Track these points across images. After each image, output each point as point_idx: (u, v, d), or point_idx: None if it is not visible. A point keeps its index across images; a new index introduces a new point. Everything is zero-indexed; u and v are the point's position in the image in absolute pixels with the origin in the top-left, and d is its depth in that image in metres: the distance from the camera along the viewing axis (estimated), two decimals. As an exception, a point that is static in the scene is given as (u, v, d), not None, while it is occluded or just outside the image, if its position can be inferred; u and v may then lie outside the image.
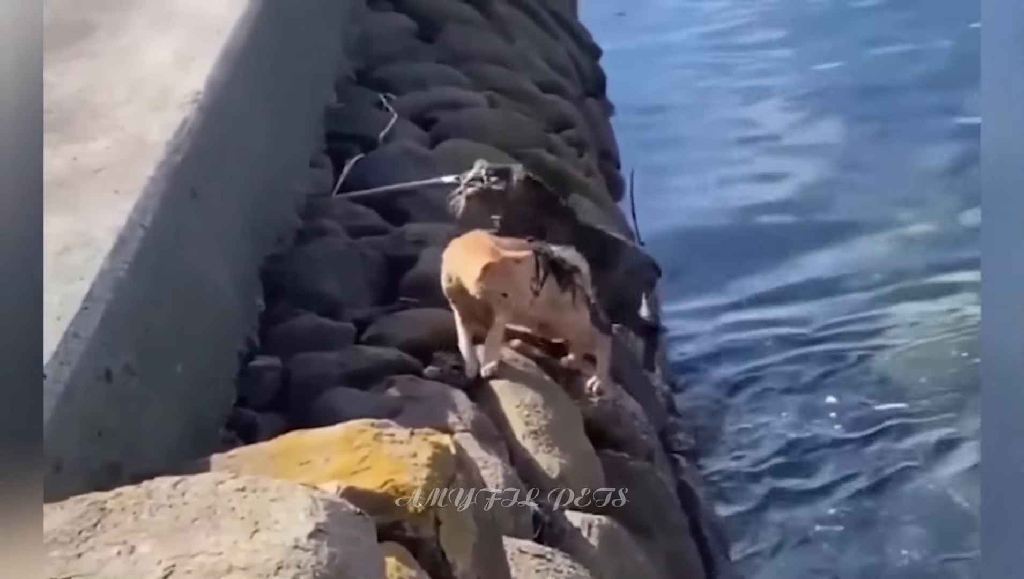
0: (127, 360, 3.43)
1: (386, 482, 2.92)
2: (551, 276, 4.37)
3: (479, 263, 4.17)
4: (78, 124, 4.49)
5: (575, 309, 4.47)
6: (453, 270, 4.30)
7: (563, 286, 4.41)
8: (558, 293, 4.40)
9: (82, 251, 3.57)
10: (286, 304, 4.79)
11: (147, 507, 2.50)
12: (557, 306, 4.43)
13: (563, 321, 4.51)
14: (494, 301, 4.24)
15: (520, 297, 4.29)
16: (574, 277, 4.46)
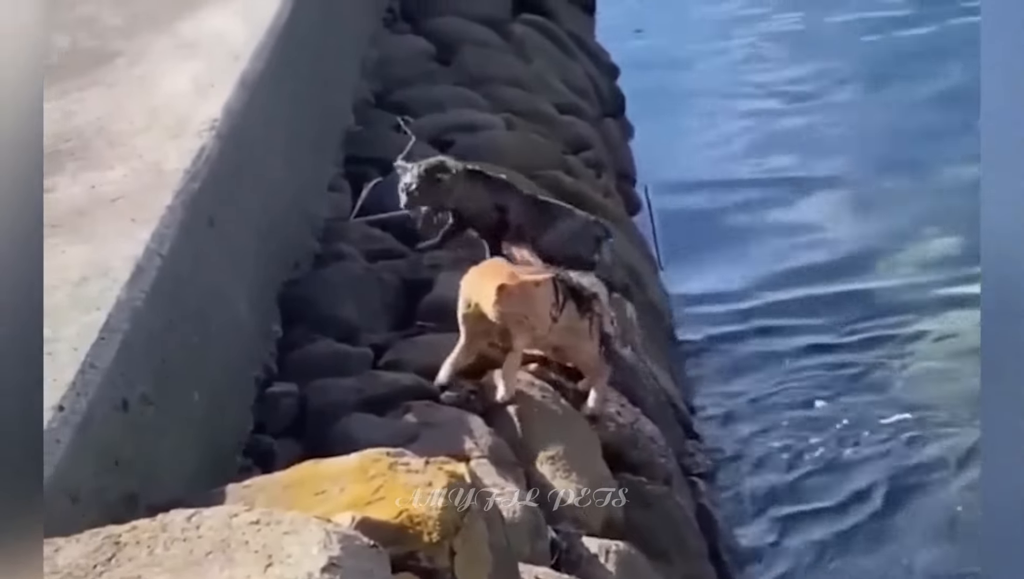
0: (144, 390, 3.45)
1: (401, 512, 2.93)
2: (570, 302, 4.38)
3: (496, 286, 4.17)
4: (96, 152, 4.52)
5: (590, 337, 4.47)
6: (471, 295, 4.30)
7: (582, 313, 4.42)
8: (576, 319, 4.41)
9: (99, 281, 3.59)
10: (303, 329, 4.80)
11: (162, 541, 2.52)
12: (574, 332, 4.44)
13: (577, 347, 4.52)
14: (513, 325, 4.25)
15: (539, 321, 4.30)
16: (593, 304, 4.47)
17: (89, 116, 4.85)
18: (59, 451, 2.96)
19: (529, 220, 5.12)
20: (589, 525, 4.20)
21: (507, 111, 7.48)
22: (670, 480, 4.96)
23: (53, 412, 3.03)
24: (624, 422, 4.86)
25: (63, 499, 2.93)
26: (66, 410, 3.06)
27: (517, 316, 4.22)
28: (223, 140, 4.53)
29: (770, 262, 7.83)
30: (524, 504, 3.84)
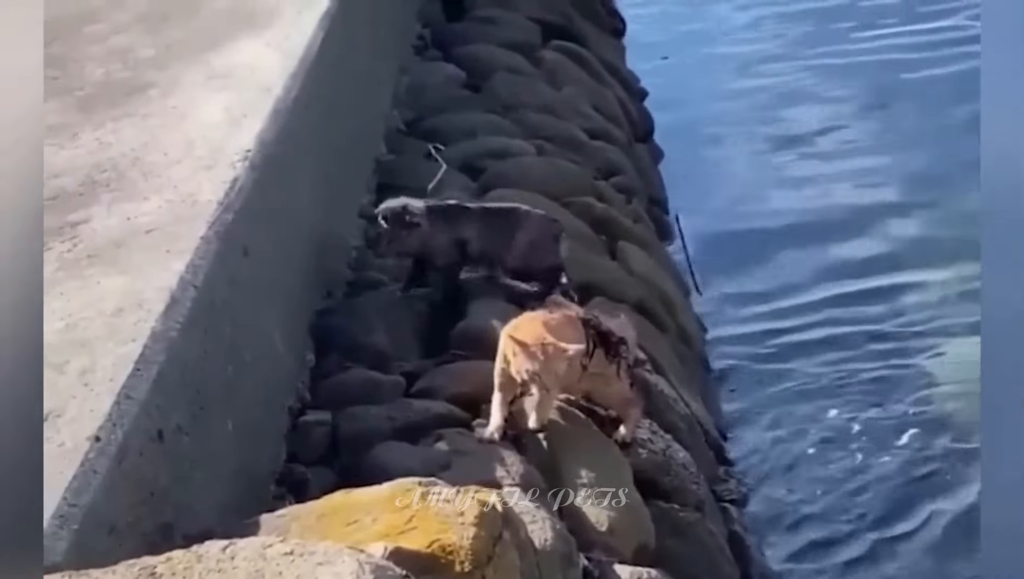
0: (179, 420, 3.48)
1: (433, 542, 2.96)
2: (599, 349, 4.39)
3: (524, 347, 4.19)
4: (131, 183, 4.57)
5: (620, 380, 4.48)
6: (507, 352, 4.30)
7: (610, 358, 4.43)
8: (605, 365, 4.42)
9: (134, 312, 3.63)
10: (336, 358, 4.84)
11: (197, 572, 2.55)
12: (603, 378, 4.45)
13: (607, 391, 4.52)
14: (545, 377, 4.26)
15: (569, 375, 4.32)
16: (620, 348, 4.47)
17: (124, 147, 4.91)
18: (96, 482, 2.99)
19: (488, 240, 5.15)
20: (621, 552, 4.20)
21: (538, 137, 7.52)
22: (702, 506, 4.97)
23: (90, 443, 3.07)
24: (656, 449, 4.87)
25: (100, 530, 2.96)
26: (102, 441, 3.09)
27: (546, 375, 4.21)
28: (256, 170, 4.57)
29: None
30: (556, 532, 3.84)
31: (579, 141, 7.93)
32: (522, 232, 5.19)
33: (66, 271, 3.99)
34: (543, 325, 4.25)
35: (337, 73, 6.02)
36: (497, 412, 4.31)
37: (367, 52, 6.99)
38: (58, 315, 3.71)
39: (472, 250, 5.13)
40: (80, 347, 3.51)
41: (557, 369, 4.18)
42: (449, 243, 5.12)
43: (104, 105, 5.42)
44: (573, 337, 4.31)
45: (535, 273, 5.19)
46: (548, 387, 4.24)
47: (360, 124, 6.51)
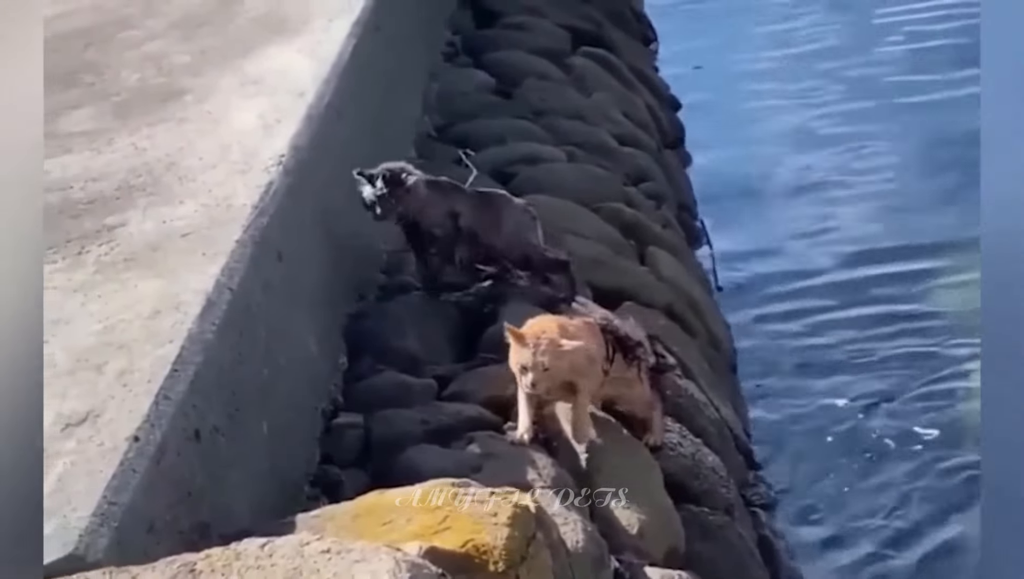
0: (215, 421, 3.52)
1: (467, 542, 2.98)
2: (618, 353, 4.41)
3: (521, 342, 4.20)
4: (167, 187, 4.63)
5: (640, 382, 4.50)
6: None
7: (628, 361, 4.44)
8: (624, 369, 4.43)
9: (171, 314, 3.68)
10: (368, 361, 4.87)
11: (236, 569, 2.58)
12: (624, 382, 4.46)
13: (628, 395, 4.54)
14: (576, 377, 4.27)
15: (592, 382, 4.33)
16: (637, 351, 4.49)
17: (159, 152, 4.97)
18: (135, 481, 3.04)
19: (477, 220, 5.20)
20: (652, 555, 4.22)
21: (568, 143, 7.55)
22: (732, 510, 4.98)
23: (129, 442, 3.12)
24: (686, 453, 4.89)
25: (139, 528, 3.01)
26: (141, 441, 3.14)
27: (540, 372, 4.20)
28: (290, 175, 4.63)
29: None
30: (587, 534, 3.86)
31: (609, 147, 7.95)
32: (508, 213, 5.26)
33: (103, 274, 4.05)
34: (557, 326, 4.27)
35: (369, 79, 6.07)
36: (525, 414, 4.33)
37: (398, 59, 7.03)
38: (96, 317, 3.77)
39: (463, 224, 5.17)
40: (118, 349, 3.56)
41: (557, 367, 4.18)
42: (443, 214, 5.15)
43: (140, 111, 5.48)
44: (592, 342, 4.33)
45: (517, 252, 5.27)
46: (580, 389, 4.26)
47: (391, 130, 6.55)
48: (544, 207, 6.40)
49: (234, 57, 5.96)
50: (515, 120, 7.67)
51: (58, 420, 3.26)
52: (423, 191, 5.13)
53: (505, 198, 5.39)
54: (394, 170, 5.09)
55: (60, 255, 4.23)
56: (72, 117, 5.56)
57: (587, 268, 5.88)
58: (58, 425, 3.24)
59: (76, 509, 2.91)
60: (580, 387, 4.28)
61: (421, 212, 5.14)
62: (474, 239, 5.20)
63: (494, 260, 5.30)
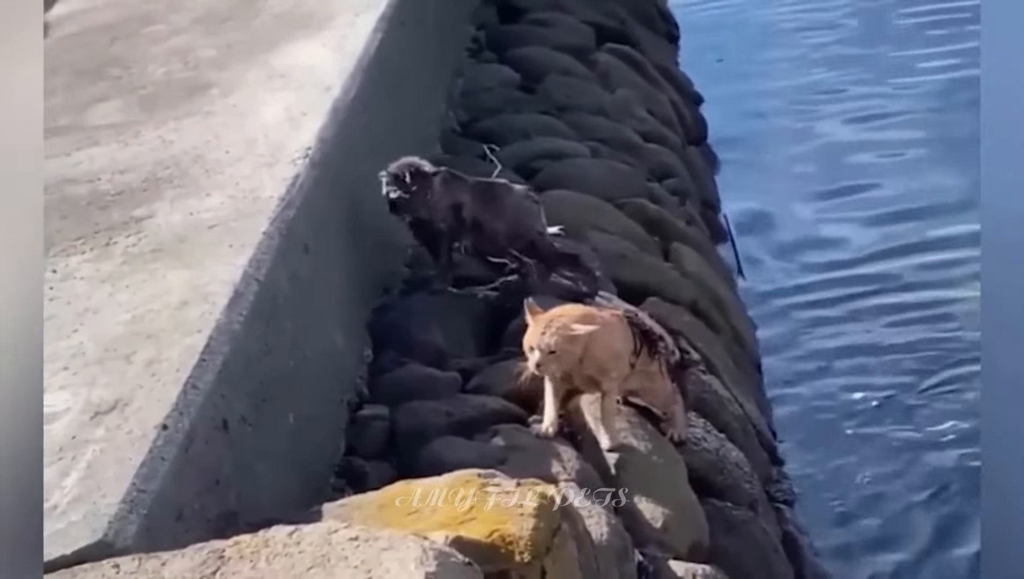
0: (242, 411, 3.54)
1: (493, 532, 2.99)
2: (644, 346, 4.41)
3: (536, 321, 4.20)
4: (194, 180, 4.65)
5: (662, 377, 4.50)
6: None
7: (651, 355, 4.44)
8: (648, 362, 4.43)
9: (199, 305, 3.70)
10: (393, 354, 4.88)
11: (264, 555, 2.60)
12: (648, 375, 4.46)
13: (651, 388, 4.53)
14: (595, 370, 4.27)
15: (619, 373, 4.33)
16: (659, 345, 4.49)
17: (186, 145, 4.99)
18: (164, 468, 3.06)
19: (480, 207, 5.17)
20: (675, 549, 4.22)
21: (592, 139, 7.54)
22: (755, 506, 4.97)
23: (157, 430, 3.14)
24: (710, 448, 4.88)
25: (168, 516, 3.02)
26: (170, 429, 3.16)
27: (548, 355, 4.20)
28: (316, 168, 4.64)
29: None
30: (611, 527, 3.87)
31: (633, 143, 7.94)
32: (509, 200, 5.25)
33: (131, 265, 4.07)
34: (581, 314, 4.27)
35: (393, 74, 6.08)
36: (550, 407, 4.34)
37: (423, 54, 7.05)
38: (124, 308, 3.80)
39: (466, 215, 5.16)
40: (146, 338, 3.58)
41: (565, 351, 4.17)
42: (447, 207, 5.14)
43: (166, 104, 5.51)
44: (619, 336, 4.33)
45: (521, 240, 5.22)
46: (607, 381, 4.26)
47: (416, 124, 6.56)
48: (568, 203, 6.44)
49: (259, 51, 5.98)
50: (539, 116, 7.67)
51: (87, 408, 3.29)
52: (438, 185, 5.14)
53: (505, 186, 5.37)
54: (418, 165, 5.10)
55: (88, 246, 4.26)
56: (99, 110, 5.59)
57: (611, 264, 5.88)
58: (87, 413, 3.27)
59: (105, 495, 2.93)
60: (605, 387, 4.28)
61: (435, 206, 5.15)
62: (478, 229, 5.19)
63: (501, 250, 5.28)
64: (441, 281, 5.26)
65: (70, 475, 3.03)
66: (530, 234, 5.22)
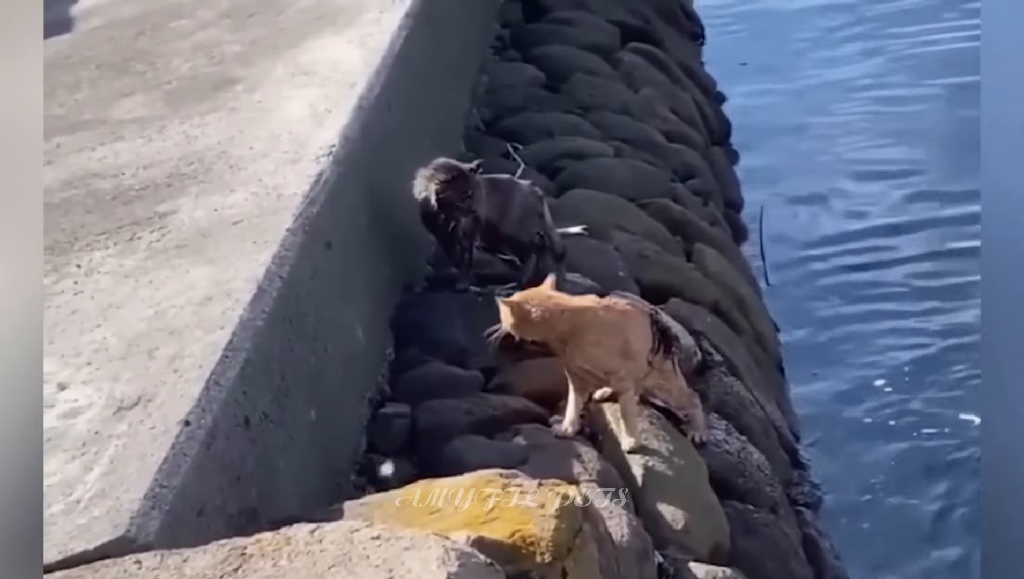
0: (264, 408, 3.54)
1: (514, 532, 2.98)
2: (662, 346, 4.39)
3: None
4: (218, 176, 4.65)
5: (676, 376, 4.49)
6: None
7: (666, 354, 4.42)
8: (662, 361, 4.42)
9: (222, 301, 3.70)
10: (415, 351, 4.88)
11: (286, 553, 2.59)
12: (663, 373, 4.44)
13: (666, 387, 4.51)
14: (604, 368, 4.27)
15: (635, 371, 4.32)
16: (673, 345, 4.48)
17: (210, 140, 5.00)
18: (186, 465, 3.05)
19: (491, 205, 5.13)
20: (696, 551, 4.21)
21: (616, 139, 7.54)
22: (777, 508, 4.96)
23: (180, 426, 3.14)
24: (731, 450, 4.88)
25: (190, 512, 3.02)
26: (192, 425, 3.15)
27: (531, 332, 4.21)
28: (340, 165, 4.64)
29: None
30: (632, 528, 3.86)
31: (656, 143, 7.93)
32: (513, 195, 5.23)
33: (155, 260, 4.07)
34: (605, 307, 4.27)
35: (418, 71, 6.07)
36: (572, 408, 4.34)
37: (447, 52, 7.04)
38: (147, 303, 3.80)
39: (480, 215, 5.12)
40: (169, 334, 3.58)
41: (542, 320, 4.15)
42: (469, 207, 5.08)
43: (191, 99, 5.52)
44: (640, 329, 4.32)
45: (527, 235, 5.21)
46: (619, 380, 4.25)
47: (440, 122, 6.56)
48: (591, 202, 6.45)
49: (285, 47, 5.99)
50: (563, 115, 7.67)
51: (110, 403, 3.29)
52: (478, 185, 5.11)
53: (512, 181, 5.37)
54: (458, 165, 5.05)
55: (112, 241, 4.27)
56: (124, 105, 5.60)
57: (634, 264, 5.87)
58: (110, 408, 3.27)
59: (128, 491, 2.93)
60: (615, 385, 4.28)
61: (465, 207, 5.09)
62: (489, 226, 5.18)
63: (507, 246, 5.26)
64: (464, 279, 5.25)
65: (92, 470, 3.03)
66: (534, 231, 5.20)
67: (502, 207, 5.18)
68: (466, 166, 5.06)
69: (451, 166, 5.00)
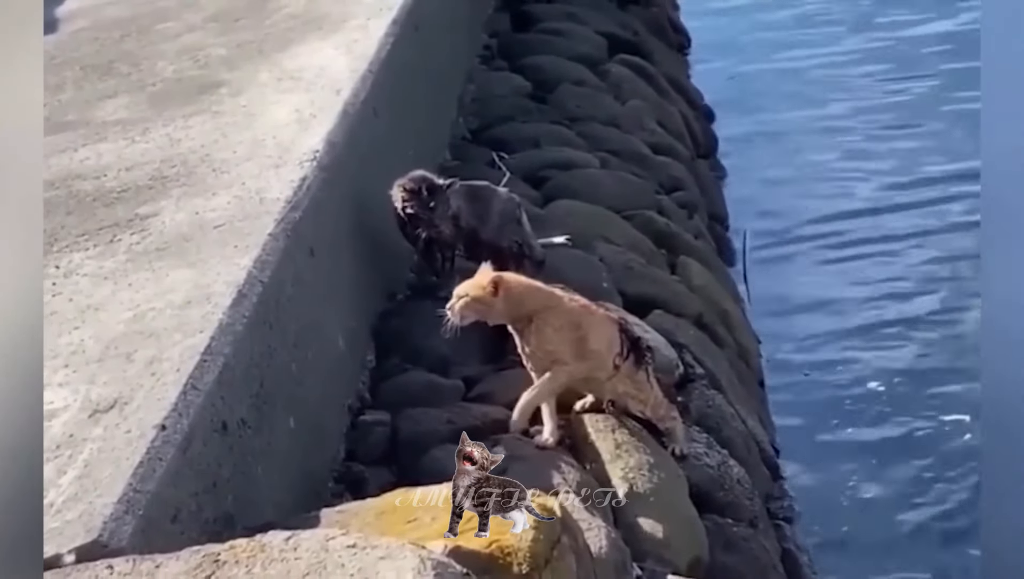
0: (242, 414, 3.51)
1: (491, 543, 2.95)
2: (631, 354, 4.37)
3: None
4: (200, 179, 4.63)
5: (651, 385, 4.46)
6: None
7: (638, 364, 4.40)
8: (634, 371, 4.39)
9: (202, 305, 3.68)
10: (396, 360, 4.86)
11: (260, 561, 2.57)
12: (637, 384, 4.41)
13: (639, 397, 4.48)
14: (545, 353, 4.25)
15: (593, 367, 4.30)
16: (646, 356, 4.45)
17: (194, 143, 4.97)
18: (161, 469, 3.03)
19: (472, 213, 5.12)
20: (675, 564, 4.18)
21: (602, 150, 7.52)
22: (756, 522, 4.94)
23: (156, 431, 3.11)
24: (712, 463, 4.85)
25: (164, 517, 2.99)
26: (168, 429, 3.13)
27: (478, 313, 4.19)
28: (324, 171, 4.62)
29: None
30: (611, 540, 3.83)
31: (643, 155, 7.92)
32: (492, 201, 5.21)
33: (134, 262, 4.05)
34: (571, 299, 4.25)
35: (404, 78, 6.05)
36: (549, 418, 4.31)
37: (434, 59, 7.02)
38: (126, 306, 3.77)
39: (461, 223, 5.11)
40: (147, 337, 3.56)
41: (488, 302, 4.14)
42: (449, 216, 5.08)
43: (175, 102, 5.49)
44: (602, 331, 4.29)
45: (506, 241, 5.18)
46: (553, 367, 4.23)
47: (426, 130, 6.54)
48: (577, 213, 6.42)
49: (270, 52, 5.97)
50: (550, 125, 7.65)
51: (86, 406, 3.26)
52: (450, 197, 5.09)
53: (490, 188, 5.34)
54: (431, 179, 5.04)
55: (92, 242, 4.24)
56: (107, 106, 5.58)
57: (618, 276, 5.85)
58: (86, 411, 3.24)
59: (101, 495, 2.90)
60: (552, 375, 4.23)
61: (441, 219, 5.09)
62: (471, 233, 5.16)
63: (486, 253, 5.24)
64: (445, 287, 5.22)
65: (67, 473, 3.00)
66: (516, 236, 5.19)
67: (481, 214, 5.15)
68: (439, 180, 5.04)
69: (418, 178, 4.99)
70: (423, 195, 4.95)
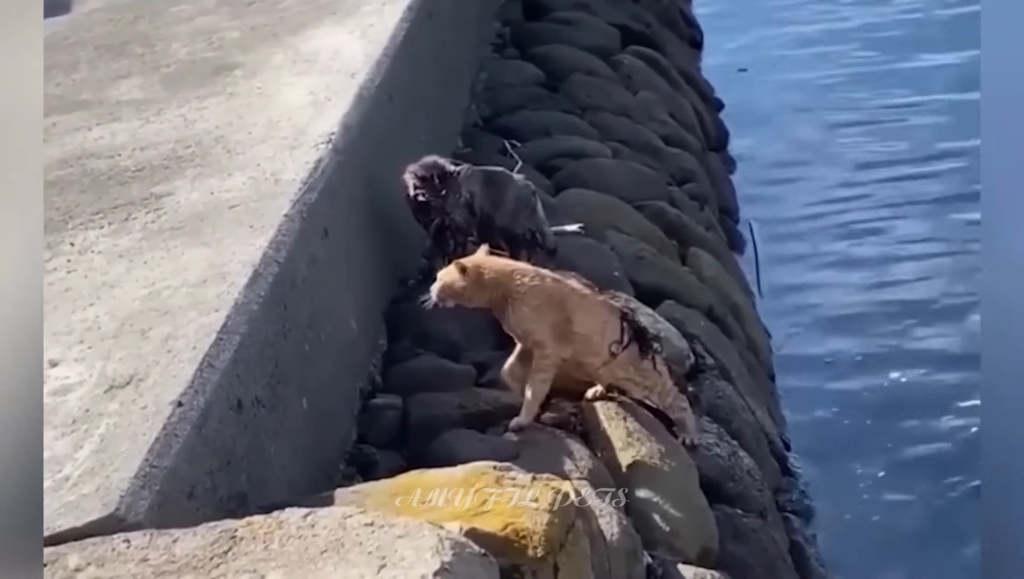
0: (257, 392, 3.50)
1: (507, 525, 2.95)
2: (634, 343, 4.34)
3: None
4: (215, 160, 4.62)
5: (658, 374, 4.44)
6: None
7: (643, 353, 4.38)
8: (638, 360, 4.36)
9: (217, 284, 3.66)
10: (408, 344, 4.85)
11: (277, 537, 2.56)
12: (642, 372, 4.39)
13: (647, 385, 4.46)
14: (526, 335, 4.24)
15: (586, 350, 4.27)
16: (653, 345, 4.43)
17: (208, 125, 4.96)
18: (177, 445, 3.02)
19: (486, 197, 5.10)
20: (685, 553, 4.18)
21: (613, 140, 7.52)
22: (765, 514, 4.94)
23: (172, 407, 3.10)
24: (722, 454, 4.85)
25: (180, 493, 2.98)
26: (184, 406, 3.12)
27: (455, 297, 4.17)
28: (339, 153, 4.61)
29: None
30: (622, 527, 3.83)
31: (654, 146, 7.92)
32: (510, 190, 5.20)
33: (149, 241, 4.04)
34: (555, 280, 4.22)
35: (418, 64, 6.05)
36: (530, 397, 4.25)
37: (448, 46, 7.02)
38: (141, 283, 3.76)
39: (476, 208, 5.09)
40: (163, 315, 3.55)
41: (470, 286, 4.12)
42: (463, 203, 5.06)
43: (189, 83, 5.48)
44: (593, 315, 4.25)
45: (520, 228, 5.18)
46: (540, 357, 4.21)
47: (438, 117, 6.53)
48: (588, 202, 6.41)
49: (285, 35, 5.96)
50: (561, 114, 7.65)
51: (102, 381, 3.25)
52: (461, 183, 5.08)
53: (506, 174, 5.33)
54: (442, 166, 5.02)
55: (107, 220, 4.23)
56: (121, 87, 5.57)
57: (629, 266, 5.85)
58: (102, 386, 3.23)
59: (118, 470, 2.89)
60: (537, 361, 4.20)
61: (456, 204, 5.08)
62: (486, 218, 5.15)
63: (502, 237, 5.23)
64: None
65: (83, 448, 2.99)
66: (530, 224, 5.18)
67: (496, 200, 5.14)
68: (450, 167, 5.02)
69: (430, 164, 4.97)
70: (435, 182, 4.93)
